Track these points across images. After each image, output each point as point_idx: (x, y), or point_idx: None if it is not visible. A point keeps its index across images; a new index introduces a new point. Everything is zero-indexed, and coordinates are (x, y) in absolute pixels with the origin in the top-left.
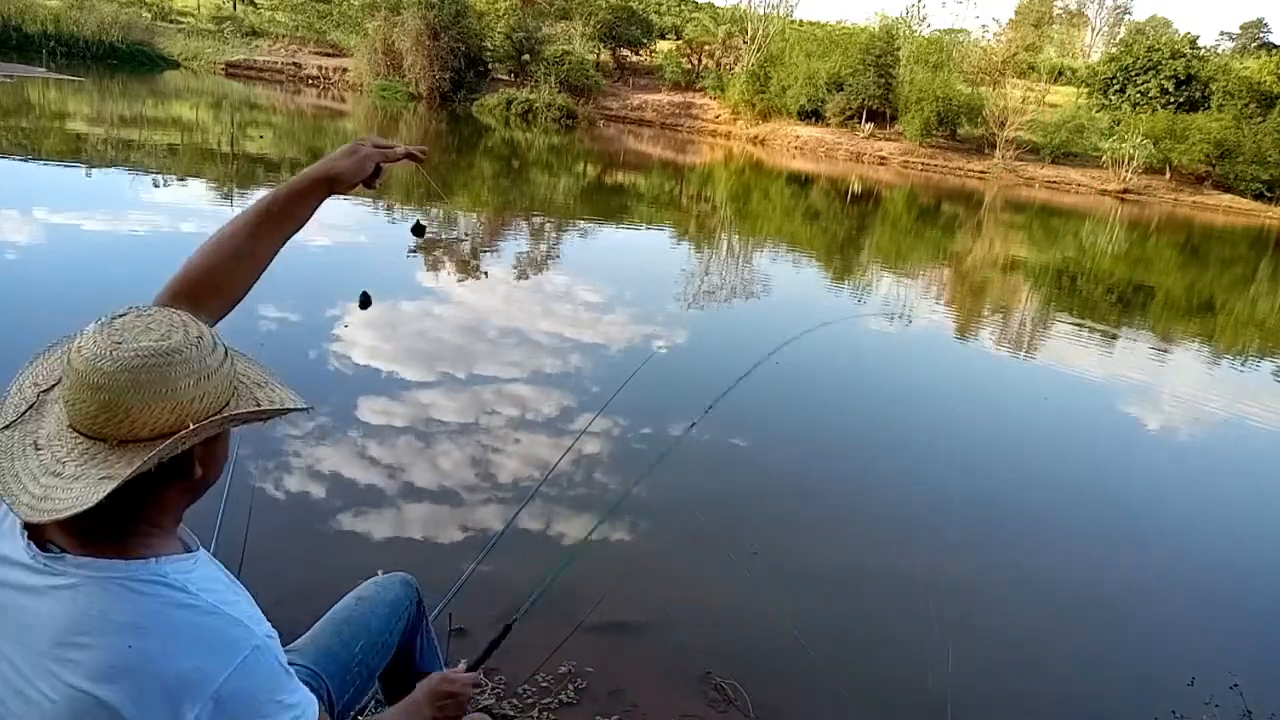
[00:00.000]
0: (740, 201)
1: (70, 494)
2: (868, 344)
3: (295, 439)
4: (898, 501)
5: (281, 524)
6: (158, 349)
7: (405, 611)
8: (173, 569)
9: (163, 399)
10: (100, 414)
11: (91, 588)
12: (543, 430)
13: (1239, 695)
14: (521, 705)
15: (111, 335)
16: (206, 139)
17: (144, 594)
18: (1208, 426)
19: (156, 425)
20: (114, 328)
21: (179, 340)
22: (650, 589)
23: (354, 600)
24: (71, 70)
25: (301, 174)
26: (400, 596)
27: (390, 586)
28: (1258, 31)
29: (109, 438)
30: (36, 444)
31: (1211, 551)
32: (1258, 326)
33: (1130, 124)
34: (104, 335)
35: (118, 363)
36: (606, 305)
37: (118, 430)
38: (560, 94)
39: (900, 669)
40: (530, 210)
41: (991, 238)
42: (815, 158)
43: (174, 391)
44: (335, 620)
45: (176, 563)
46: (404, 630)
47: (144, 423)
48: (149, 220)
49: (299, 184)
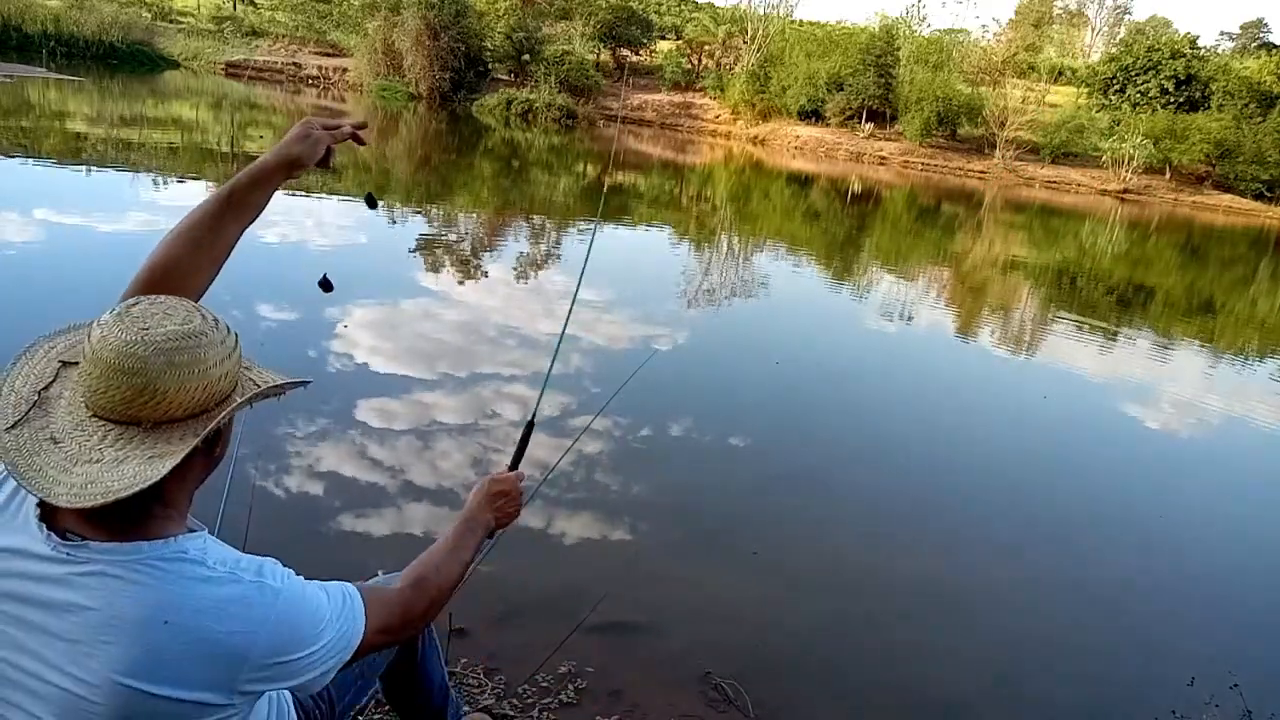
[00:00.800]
0: (740, 202)
1: (123, 475)
2: (868, 344)
3: (295, 439)
4: (898, 501)
5: (282, 524)
6: (186, 331)
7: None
8: (191, 545)
9: (195, 378)
10: (136, 398)
11: (119, 570)
12: (543, 430)
13: (1239, 695)
14: (521, 705)
15: (135, 322)
16: (206, 139)
17: (169, 571)
18: (1208, 426)
19: (189, 404)
20: (133, 315)
21: (200, 323)
22: (650, 589)
23: None
24: (71, 70)
25: (258, 161)
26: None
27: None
28: (1258, 31)
29: (144, 420)
30: (54, 438)
31: (1212, 550)
32: (1258, 327)
33: (1130, 124)
34: (129, 323)
35: (150, 346)
36: (607, 305)
37: (154, 412)
38: (560, 94)
39: (900, 668)
40: (530, 210)
41: (992, 238)
42: (815, 158)
43: (205, 371)
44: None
45: (192, 539)
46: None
47: (179, 403)
48: (148, 220)
49: (257, 171)
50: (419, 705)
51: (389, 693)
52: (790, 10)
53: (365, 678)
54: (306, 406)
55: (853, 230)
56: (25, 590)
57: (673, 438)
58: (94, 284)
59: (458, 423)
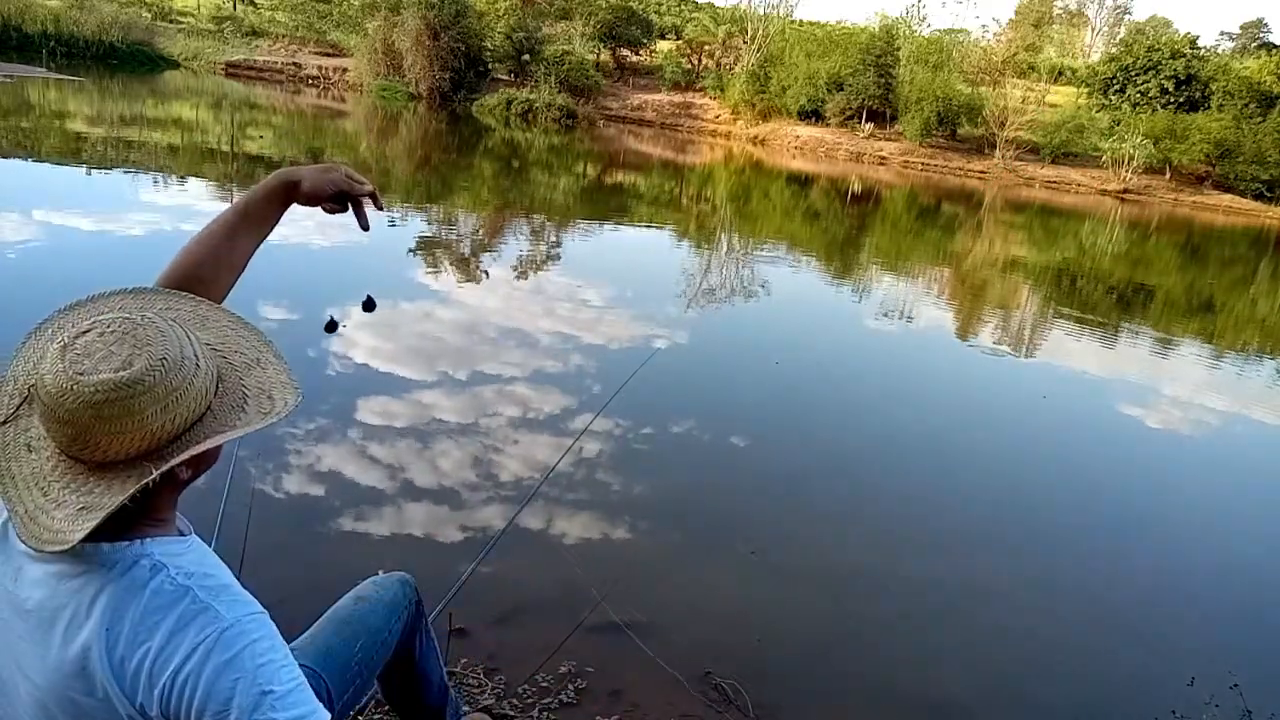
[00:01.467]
0: (740, 201)
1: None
2: (867, 343)
3: (296, 439)
4: (897, 501)
5: (282, 524)
6: (118, 381)
7: (404, 611)
8: (159, 550)
9: (129, 430)
10: (72, 444)
11: (79, 569)
12: (543, 430)
13: (1239, 695)
14: (521, 705)
15: (72, 365)
16: (206, 139)
17: (122, 574)
18: (1209, 425)
19: (131, 450)
20: (74, 354)
21: (140, 368)
22: (650, 589)
23: (353, 600)
24: (71, 70)
25: (272, 174)
26: (399, 596)
27: (389, 586)
28: (1258, 31)
29: (86, 461)
30: (29, 445)
31: (1212, 550)
32: (1259, 326)
33: (1130, 124)
34: (66, 364)
35: (79, 398)
36: (606, 305)
37: (92, 456)
38: (560, 94)
39: (900, 668)
40: (530, 210)
41: (992, 238)
42: (815, 158)
43: (140, 421)
44: (335, 619)
45: (166, 544)
46: (403, 629)
47: (116, 449)
48: (147, 220)
49: (269, 183)
50: (418, 705)
51: (388, 693)
52: (790, 10)
53: (363, 678)
54: (306, 407)
55: (853, 230)
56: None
57: (673, 437)
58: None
59: (457, 422)
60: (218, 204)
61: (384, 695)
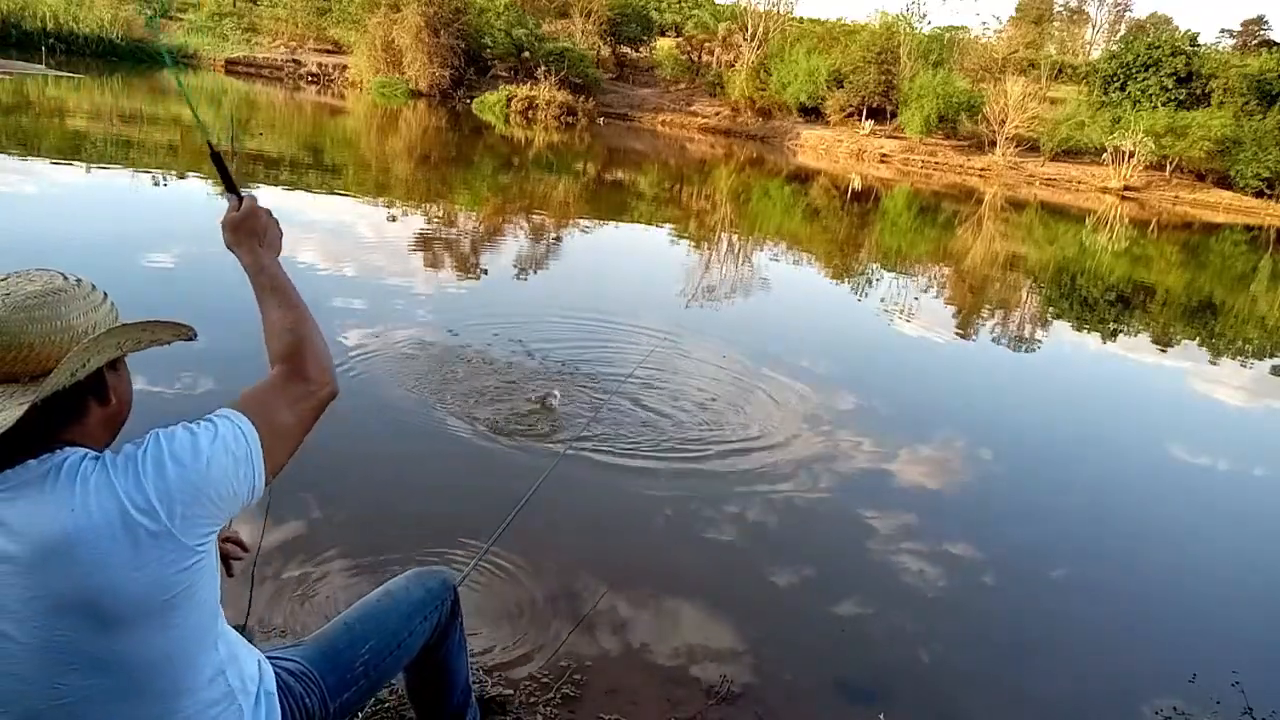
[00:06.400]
0: (740, 199)
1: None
2: (867, 343)
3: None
4: (895, 499)
5: (287, 524)
6: (45, 290)
7: (434, 611)
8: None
9: (59, 331)
10: (6, 354)
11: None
12: (543, 428)
13: (1240, 692)
14: (522, 703)
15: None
16: (206, 137)
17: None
18: (1215, 422)
19: (59, 356)
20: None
21: (61, 283)
22: (649, 588)
23: (379, 595)
24: (71, 67)
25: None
26: (428, 595)
27: (420, 584)
28: (1258, 29)
29: (20, 375)
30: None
31: (1214, 547)
32: (1258, 324)
33: (1131, 121)
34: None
35: (11, 306)
36: (606, 304)
37: (26, 366)
38: (561, 91)
39: (900, 667)
40: (530, 209)
41: (993, 234)
42: (815, 155)
43: (68, 324)
44: (351, 617)
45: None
46: (431, 630)
47: (47, 354)
48: (146, 220)
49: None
50: (440, 704)
51: (411, 684)
52: (790, 7)
53: (369, 679)
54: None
55: (853, 227)
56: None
57: (672, 436)
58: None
59: (458, 421)
60: (216, 202)
61: (407, 687)
